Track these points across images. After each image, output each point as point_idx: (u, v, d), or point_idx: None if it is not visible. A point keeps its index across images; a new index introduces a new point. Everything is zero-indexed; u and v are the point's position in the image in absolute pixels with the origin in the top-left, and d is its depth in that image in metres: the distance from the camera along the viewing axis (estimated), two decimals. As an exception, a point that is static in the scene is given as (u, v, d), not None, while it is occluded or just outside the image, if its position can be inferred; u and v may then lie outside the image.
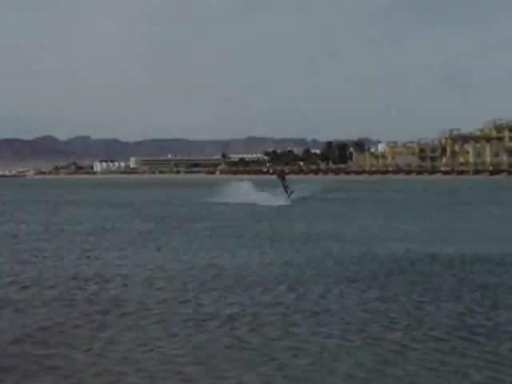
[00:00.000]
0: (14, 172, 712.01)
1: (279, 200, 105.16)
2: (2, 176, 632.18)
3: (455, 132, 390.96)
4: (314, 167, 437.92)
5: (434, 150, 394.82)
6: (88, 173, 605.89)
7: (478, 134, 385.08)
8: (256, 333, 23.53)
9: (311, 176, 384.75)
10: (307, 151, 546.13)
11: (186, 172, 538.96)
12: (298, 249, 46.72)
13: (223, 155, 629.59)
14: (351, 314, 26.37)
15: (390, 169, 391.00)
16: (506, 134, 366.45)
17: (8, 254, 44.09)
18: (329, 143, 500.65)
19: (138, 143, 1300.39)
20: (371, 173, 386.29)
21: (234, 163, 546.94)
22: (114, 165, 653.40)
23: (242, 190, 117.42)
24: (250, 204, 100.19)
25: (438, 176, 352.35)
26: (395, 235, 56.01)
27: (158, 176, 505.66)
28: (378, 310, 27.08)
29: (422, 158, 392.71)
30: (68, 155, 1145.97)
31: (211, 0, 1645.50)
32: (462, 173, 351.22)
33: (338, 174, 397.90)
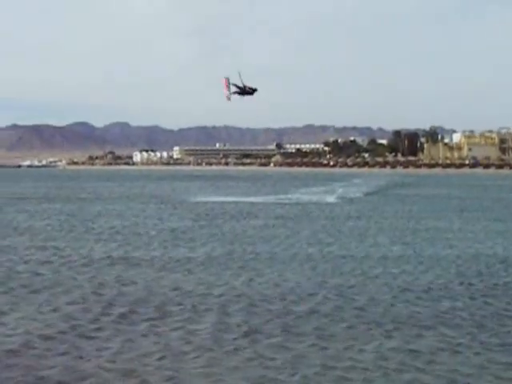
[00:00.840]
0: (43, 162, 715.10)
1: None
2: (30, 166, 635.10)
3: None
4: (380, 160, 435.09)
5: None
6: (126, 163, 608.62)
7: None
8: None
9: (377, 169, 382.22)
10: (373, 141, 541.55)
11: (236, 164, 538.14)
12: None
13: (278, 145, 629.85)
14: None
15: (467, 162, 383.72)
16: None
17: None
18: (397, 132, 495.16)
19: (182, 131, 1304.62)
20: (445, 166, 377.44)
21: (290, 154, 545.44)
22: (155, 155, 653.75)
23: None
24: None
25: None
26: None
27: (204, 168, 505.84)
28: None
29: (503, 150, 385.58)
30: (104, 144, 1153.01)
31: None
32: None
33: (407, 167, 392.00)
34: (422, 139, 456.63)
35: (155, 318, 28.48)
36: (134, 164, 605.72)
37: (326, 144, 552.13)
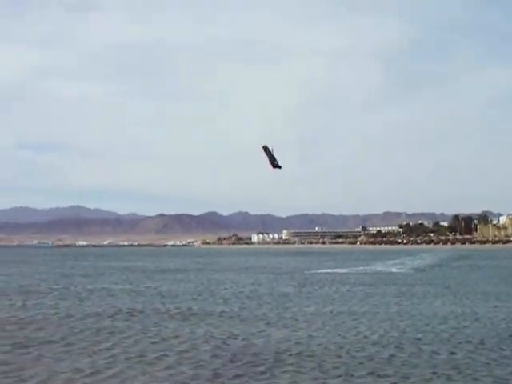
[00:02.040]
0: (183, 242, 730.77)
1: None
2: (173, 245, 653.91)
3: None
4: (442, 238, 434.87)
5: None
6: (246, 243, 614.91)
7: None
8: None
9: (440, 246, 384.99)
10: (436, 224, 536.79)
11: (331, 242, 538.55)
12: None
13: (363, 228, 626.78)
14: None
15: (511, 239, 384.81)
16: None
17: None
18: (455, 216, 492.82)
19: (289, 217, 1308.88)
20: (494, 242, 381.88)
21: (373, 235, 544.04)
22: (268, 236, 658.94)
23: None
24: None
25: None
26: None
27: (306, 246, 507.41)
28: None
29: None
30: (229, 228, 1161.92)
31: (344, 97, 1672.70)
32: None
33: (464, 243, 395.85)
34: (476, 221, 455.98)
35: (271, 367, 28.28)
36: (252, 243, 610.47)
37: (400, 226, 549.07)
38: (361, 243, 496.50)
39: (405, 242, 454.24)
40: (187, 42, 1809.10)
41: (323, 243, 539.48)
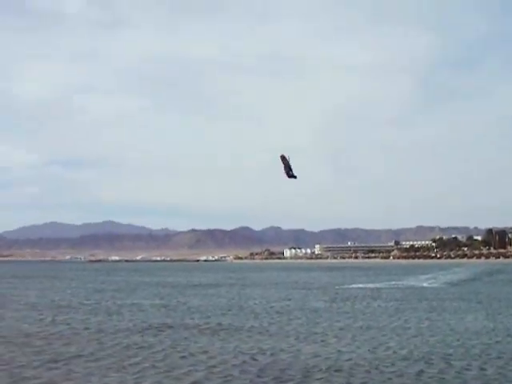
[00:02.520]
0: (216, 257, 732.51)
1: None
2: (206, 260, 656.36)
3: None
4: (476, 252, 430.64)
5: None
6: (279, 258, 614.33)
7: None
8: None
9: (474, 260, 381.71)
10: (470, 238, 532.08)
11: (364, 257, 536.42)
12: None
13: (396, 242, 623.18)
14: None
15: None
16: None
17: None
18: (489, 230, 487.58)
19: (321, 232, 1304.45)
20: None
21: (406, 249, 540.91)
22: (301, 251, 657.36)
23: None
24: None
25: None
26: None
27: (339, 261, 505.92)
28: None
29: None
30: (262, 243, 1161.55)
31: (373, 111, 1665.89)
32: None
33: (498, 257, 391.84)
34: (510, 235, 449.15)
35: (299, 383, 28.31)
36: (284, 258, 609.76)
37: (434, 241, 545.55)
38: (394, 258, 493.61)
39: (438, 256, 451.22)
40: (214, 56, 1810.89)
41: (356, 258, 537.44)
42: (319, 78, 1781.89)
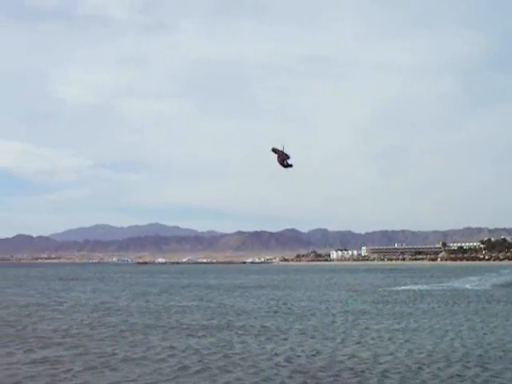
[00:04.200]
0: (262, 259, 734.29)
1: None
2: (252, 263, 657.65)
3: None
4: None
5: None
6: (325, 260, 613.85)
7: None
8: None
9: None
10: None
11: (411, 259, 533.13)
12: None
13: (443, 244, 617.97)
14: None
15: None
16: None
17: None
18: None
19: (368, 234, 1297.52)
20: None
21: (453, 251, 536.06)
22: (347, 253, 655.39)
23: None
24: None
25: None
26: None
27: (386, 263, 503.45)
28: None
29: None
30: (308, 245, 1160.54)
31: (419, 112, 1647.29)
32: None
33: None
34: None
35: None
36: (331, 260, 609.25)
37: (482, 242, 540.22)
38: (441, 260, 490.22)
39: (486, 258, 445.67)
40: (261, 59, 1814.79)
41: (403, 260, 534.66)
42: (364, 79, 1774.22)
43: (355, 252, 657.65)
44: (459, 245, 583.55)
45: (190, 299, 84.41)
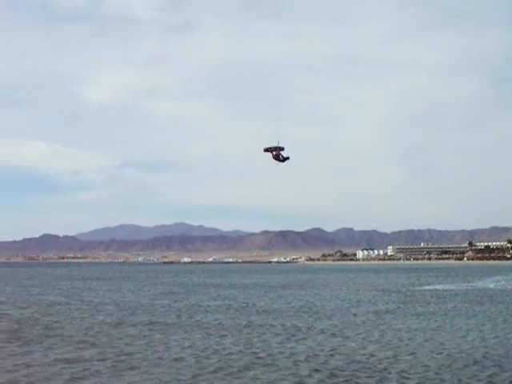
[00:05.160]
0: (288, 259, 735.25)
1: None
2: (278, 262, 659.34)
3: None
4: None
5: None
6: (351, 259, 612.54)
7: None
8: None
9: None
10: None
11: (437, 258, 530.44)
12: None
13: (470, 243, 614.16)
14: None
15: None
16: None
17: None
18: None
19: (394, 233, 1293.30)
20: None
21: (480, 250, 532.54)
22: (373, 252, 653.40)
23: None
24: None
25: None
26: None
27: (412, 262, 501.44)
28: None
29: None
30: (334, 244, 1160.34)
31: (446, 111, 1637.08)
32: None
33: None
34: None
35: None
36: (357, 260, 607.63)
37: (509, 241, 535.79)
38: (468, 259, 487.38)
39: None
40: (286, 59, 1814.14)
41: (429, 259, 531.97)
42: (391, 78, 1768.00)
43: (381, 251, 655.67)
44: (486, 244, 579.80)
45: (214, 298, 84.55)
